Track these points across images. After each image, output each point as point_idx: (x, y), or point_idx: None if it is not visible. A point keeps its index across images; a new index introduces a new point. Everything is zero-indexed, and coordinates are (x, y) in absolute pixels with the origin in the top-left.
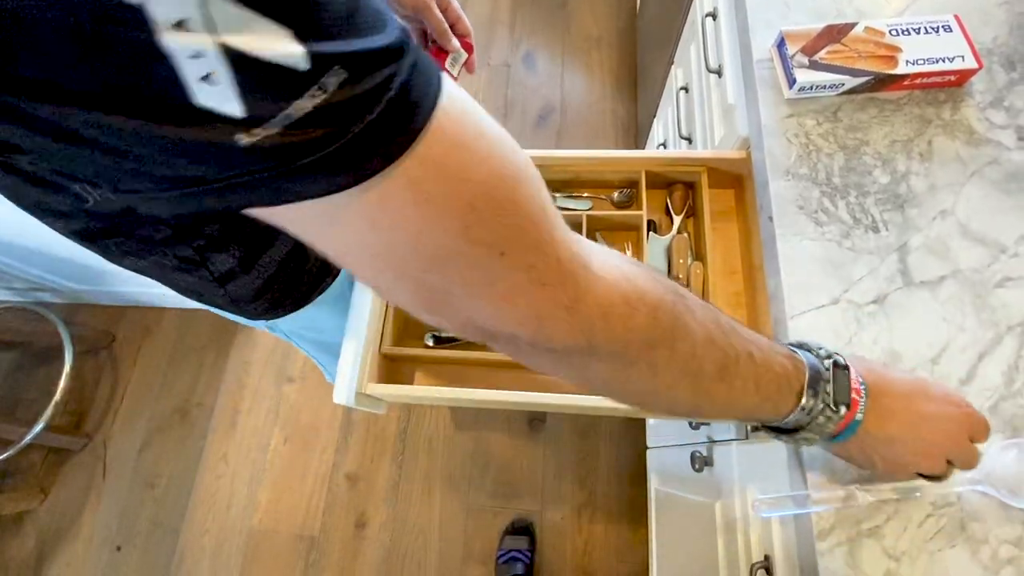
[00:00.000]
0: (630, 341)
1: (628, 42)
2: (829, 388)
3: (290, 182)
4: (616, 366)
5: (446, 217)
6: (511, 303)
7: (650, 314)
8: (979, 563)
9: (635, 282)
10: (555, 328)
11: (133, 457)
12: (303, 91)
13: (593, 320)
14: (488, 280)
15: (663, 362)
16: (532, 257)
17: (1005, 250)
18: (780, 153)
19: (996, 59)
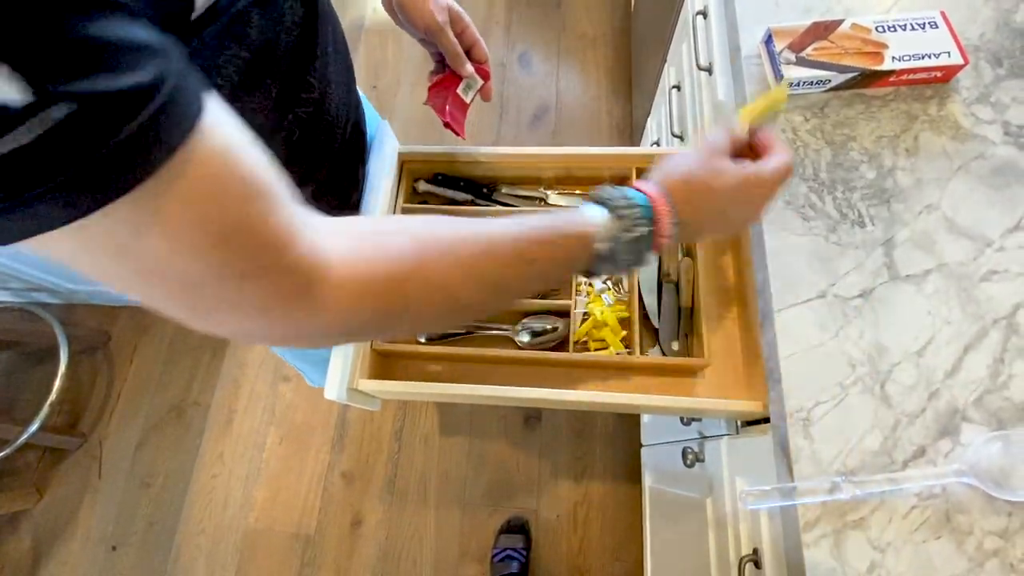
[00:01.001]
0: (377, 319)
1: (622, 42)
2: (629, 254)
3: (22, 213)
4: (373, 332)
5: (188, 251)
6: (256, 318)
7: (395, 290)
8: (964, 554)
9: (375, 264)
10: (301, 329)
11: (129, 456)
12: (18, 125)
13: (334, 316)
14: (234, 301)
15: (415, 317)
16: (273, 277)
17: (991, 244)
18: None
19: (983, 55)
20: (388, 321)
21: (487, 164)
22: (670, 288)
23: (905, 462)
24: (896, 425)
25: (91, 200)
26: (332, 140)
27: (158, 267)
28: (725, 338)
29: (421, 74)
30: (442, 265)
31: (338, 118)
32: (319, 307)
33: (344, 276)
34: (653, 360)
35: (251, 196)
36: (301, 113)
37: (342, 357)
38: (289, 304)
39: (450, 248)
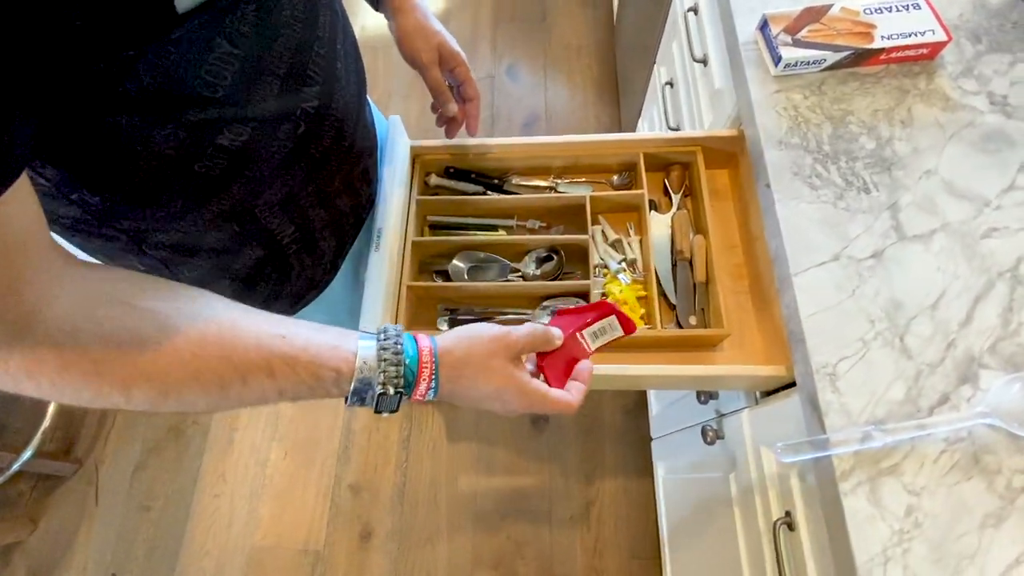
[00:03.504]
0: (63, 392)
1: (607, 51)
2: (375, 402)
3: None
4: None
5: None
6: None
7: (87, 374)
8: (995, 493)
9: (80, 338)
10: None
11: (127, 480)
12: None
13: (18, 375)
14: None
15: (121, 402)
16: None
17: (988, 203)
18: (772, 125)
19: (963, 33)
20: (91, 397)
21: (497, 156)
22: (684, 265)
23: (930, 409)
24: (918, 375)
25: None
26: (341, 137)
27: None
28: (739, 310)
29: (413, 87)
30: (177, 358)
31: (347, 114)
32: (5, 362)
33: (55, 342)
34: (675, 333)
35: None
36: (308, 108)
37: None
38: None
39: (193, 340)
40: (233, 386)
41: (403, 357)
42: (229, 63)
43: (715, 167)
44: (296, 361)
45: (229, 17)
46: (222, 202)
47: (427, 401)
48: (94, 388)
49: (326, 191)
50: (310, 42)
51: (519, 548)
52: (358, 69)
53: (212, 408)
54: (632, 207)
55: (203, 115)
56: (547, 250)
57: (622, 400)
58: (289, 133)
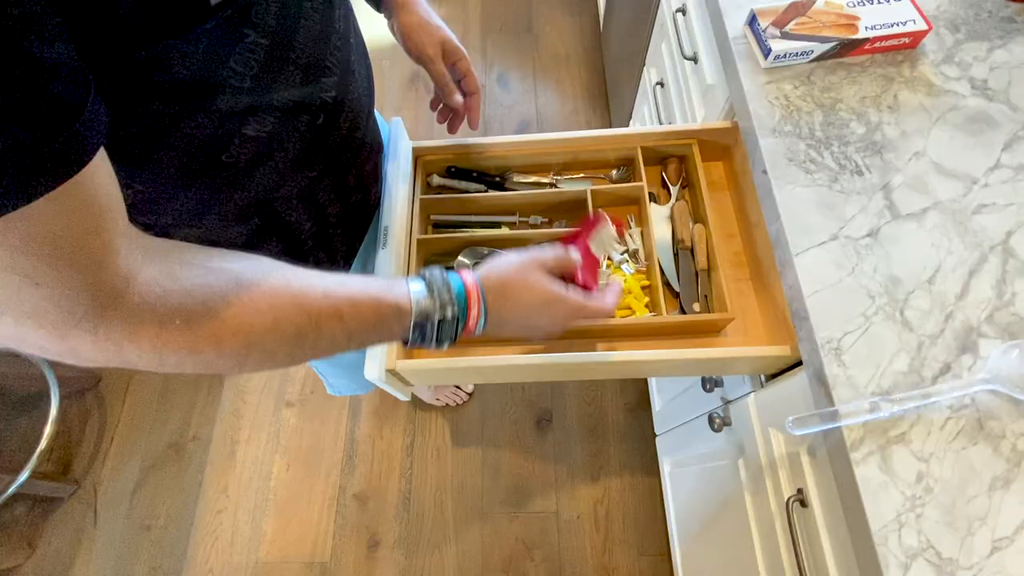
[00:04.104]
0: (165, 355)
1: (595, 58)
2: (436, 334)
3: None
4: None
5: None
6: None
7: (189, 332)
8: (1001, 456)
9: (176, 302)
10: (80, 348)
11: (126, 500)
12: None
13: (120, 342)
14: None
15: (214, 359)
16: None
17: (976, 181)
18: (765, 115)
19: (942, 23)
20: (188, 358)
21: (497, 154)
22: (685, 254)
23: (934, 378)
24: (920, 346)
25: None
26: (355, 129)
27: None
28: (741, 296)
29: (404, 98)
30: (260, 309)
31: (360, 107)
32: (104, 329)
33: (151, 303)
34: (680, 319)
35: (97, 221)
36: (326, 98)
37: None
38: (72, 319)
39: (272, 292)
40: (308, 333)
41: (452, 287)
42: (256, 53)
43: (710, 160)
44: (359, 302)
45: (255, 8)
46: (245, 193)
47: (476, 334)
48: (189, 345)
49: (341, 185)
50: (328, 34)
51: (528, 550)
52: (367, 64)
53: (289, 359)
54: (632, 200)
55: (231, 104)
56: (550, 244)
57: (624, 398)
58: (309, 123)
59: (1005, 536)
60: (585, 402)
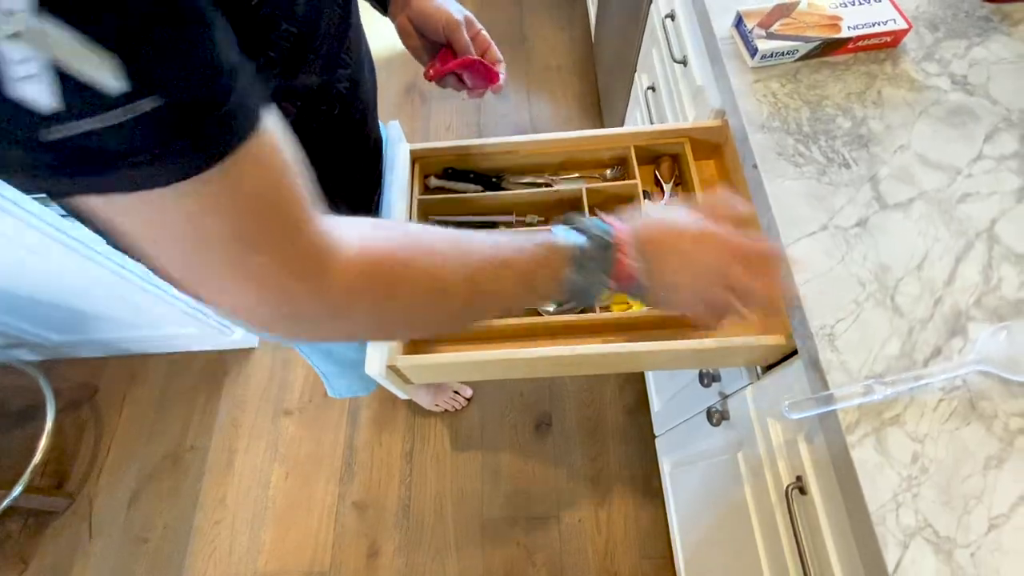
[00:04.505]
0: (374, 300)
1: (587, 67)
2: (595, 261)
3: (92, 177)
4: (373, 318)
5: (211, 228)
6: (265, 293)
7: (388, 274)
8: (994, 436)
9: (371, 253)
10: (303, 307)
11: (122, 512)
12: (113, 108)
13: (336, 297)
14: (245, 276)
15: (408, 306)
16: (283, 256)
17: (960, 172)
18: (753, 111)
19: (921, 23)
20: (382, 308)
21: (493, 155)
22: None
23: (925, 361)
24: (911, 331)
25: (151, 179)
26: (364, 123)
27: (185, 239)
28: None
29: (400, 108)
30: (432, 255)
31: (369, 100)
32: (319, 287)
33: (350, 260)
34: (676, 313)
35: (291, 181)
36: (341, 88)
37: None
38: (291, 280)
39: (439, 241)
40: (485, 280)
41: (600, 226)
42: (287, 39)
43: (702, 158)
44: (517, 249)
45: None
46: None
47: (635, 292)
48: (396, 296)
49: (349, 179)
50: (344, 28)
51: (530, 555)
52: (372, 61)
53: (472, 314)
54: (626, 198)
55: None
56: None
57: (623, 400)
58: (327, 113)
59: (1001, 513)
60: (584, 404)
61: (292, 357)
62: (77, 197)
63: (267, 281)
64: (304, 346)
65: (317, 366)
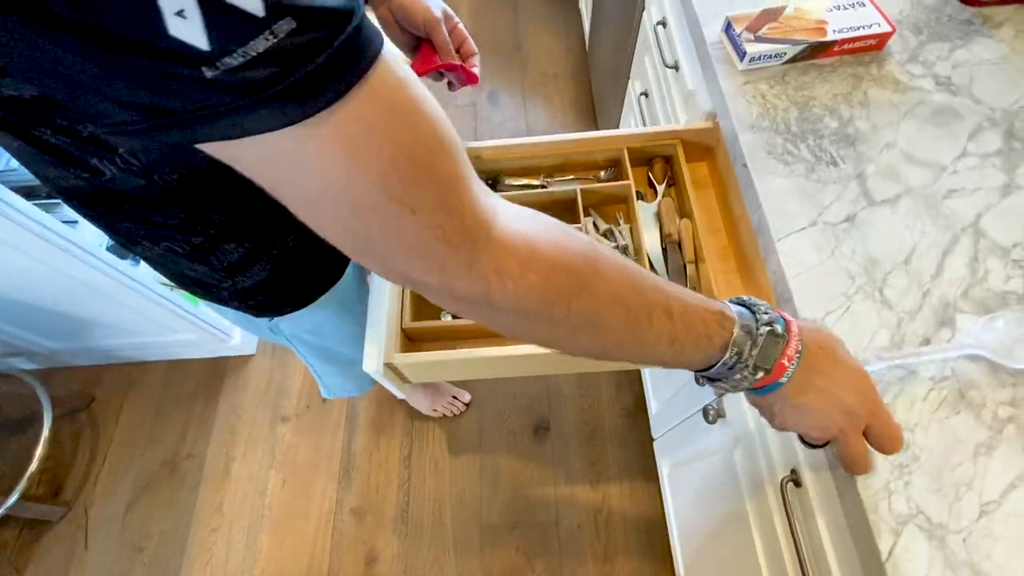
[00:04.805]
0: (523, 298)
1: (581, 75)
2: (754, 352)
3: (242, 116)
4: (514, 317)
5: (369, 172)
6: (419, 256)
7: (546, 276)
8: (983, 424)
9: (535, 245)
10: (456, 280)
11: (118, 521)
12: (258, 34)
13: (488, 277)
14: (399, 234)
15: (560, 317)
16: (440, 218)
17: (945, 169)
18: (743, 112)
19: (905, 27)
20: (540, 308)
21: (489, 157)
22: (673, 247)
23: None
24: (900, 322)
25: (299, 110)
26: None
27: (333, 182)
28: (729, 287)
29: None
30: (607, 277)
31: None
32: (477, 261)
33: (515, 240)
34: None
35: (433, 131)
36: None
37: (378, 332)
38: (449, 249)
39: (615, 266)
40: (641, 317)
41: (776, 319)
42: None
43: (694, 160)
44: (689, 303)
45: None
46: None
47: (791, 365)
48: (547, 295)
49: None
50: None
51: (529, 560)
52: None
53: (616, 346)
54: (620, 198)
55: None
56: None
57: (621, 403)
58: None
59: (992, 500)
60: (582, 408)
61: (290, 362)
62: (222, 145)
63: (414, 248)
64: (301, 346)
65: (311, 364)
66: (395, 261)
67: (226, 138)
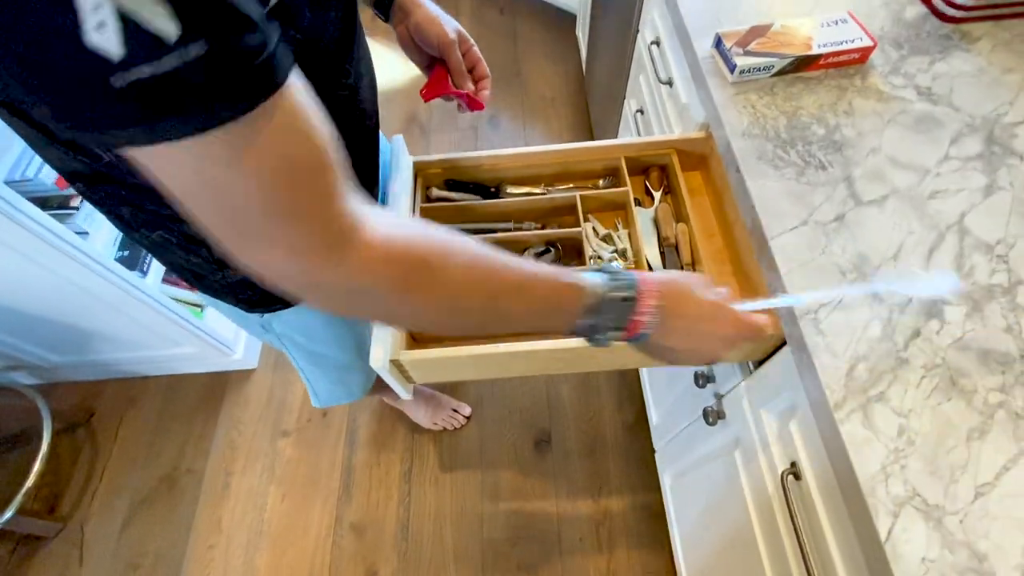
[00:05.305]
0: (390, 287)
1: (579, 99)
2: (609, 315)
3: (149, 126)
4: (384, 303)
5: (250, 183)
6: (293, 257)
7: (408, 268)
8: (975, 409)
9: (393, 243)
10: (324, 276)
11: (114, 537)
12: (170, 52)
13: (356, 273)
14: (274, 238)
15: (421, 302)
16: (312, 225)
17: (928, 172)
18: (735, 121)
19: (886, 42)
20: (396, 300)
21: (492, 167)
22: (670, 251)
23: (906, 343)
24: (890, 315)
25: (200, 123)
26: (363, 126)
27: (224, 189)
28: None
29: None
30: (455, 261)
31: (367, 112)
32: (344, 259)
33: (377, 240)
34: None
35: (322, 147)
36: (341, 94)
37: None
38: (318, 251)
39: (464, 250)
40: (498, 298)
41: (628, 275)
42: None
43: (688, 169)
44: (543, 281)
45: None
46: None
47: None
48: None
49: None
50: (348, 41)
51: None
52: (373, 78)
53: (480, 323)
54: (618, 205)
55: None
56: (544, 244)
57: (622, 416)
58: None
59: (987, 482)
60: (583, 422)
61: (292, 377)
62: (131, 150)
63: (295, 247)
64: (291, 347)
65: (301, 369)
66: (270, 262)
67: (133, 144)
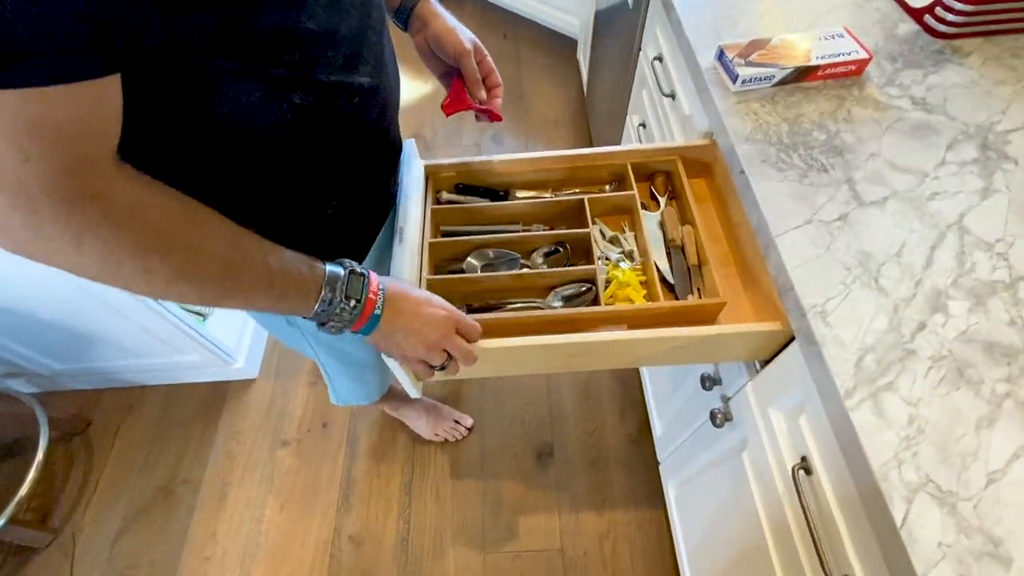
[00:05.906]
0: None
1: (579, 120)
2: (343, 287)
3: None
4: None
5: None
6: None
7: (141, 231)
8: (983, 399)
9: (135, 208)
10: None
11: (107, 548)
12: None
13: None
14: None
15: (155, 266)
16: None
17: (927, 175)
18: (738, 127)
19: (882, 56)
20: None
21: (502, 171)
22: (677, 252)
23: (912, 335)
24: (896, 308)
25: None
26: (383, 116)
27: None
28: (731, 289)
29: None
30: (206, 234)
31: (389, 101)
32: (75, 218)
33: (120, 204)
34: (677, 304)
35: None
36: (363, 83)
37: None
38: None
39: (217, 228)
40: (239, 269)
41: (365, 275)
42: (306, 37)
43: (692, 177)
44: (285, 259)
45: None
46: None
47: (367, 329)
48: (145, 248)
49: (366, 169)
50: (365, 29)
51: None
52: (396, 64)
53: (220, 293)
54: (625, 209)
55: (280, 72)
56: (553, 244)
57: (625, 428)
58: (347, 101)
59: (998, 469)
60: (586, 433)
61: (292, 387)
62: None
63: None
64: (314, 342)
65: (323, 364)
66: None
67: None
